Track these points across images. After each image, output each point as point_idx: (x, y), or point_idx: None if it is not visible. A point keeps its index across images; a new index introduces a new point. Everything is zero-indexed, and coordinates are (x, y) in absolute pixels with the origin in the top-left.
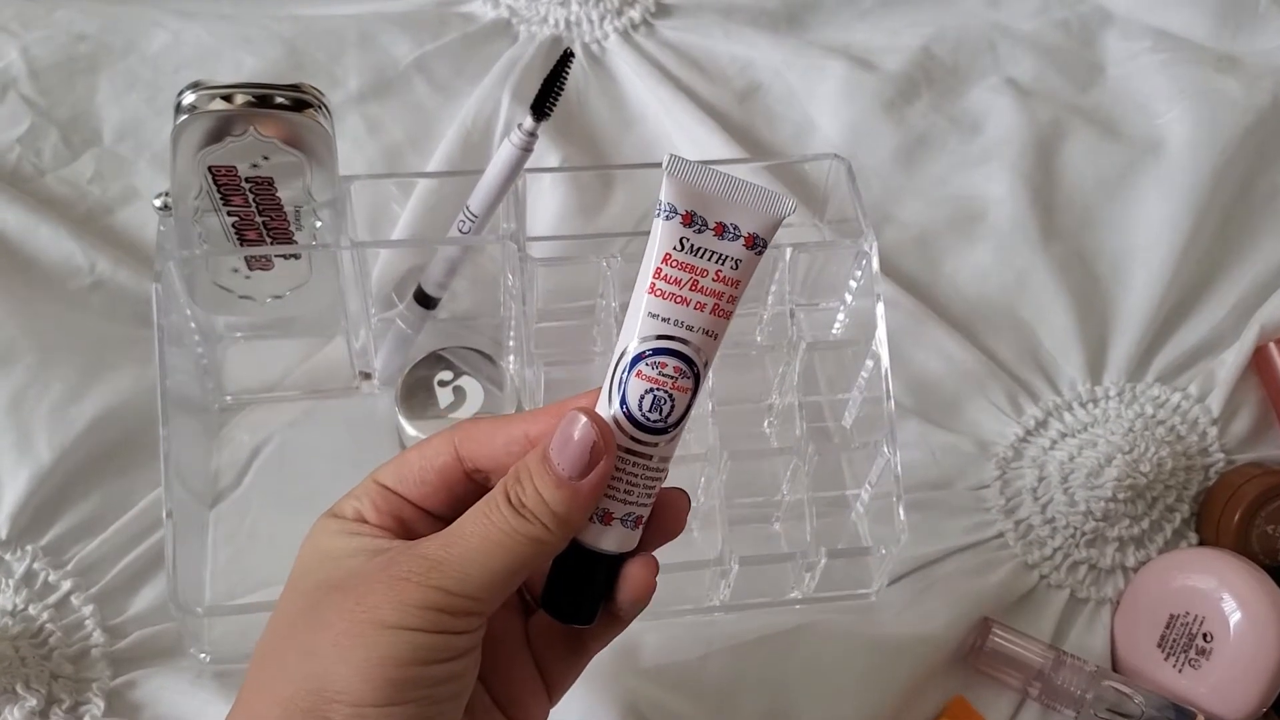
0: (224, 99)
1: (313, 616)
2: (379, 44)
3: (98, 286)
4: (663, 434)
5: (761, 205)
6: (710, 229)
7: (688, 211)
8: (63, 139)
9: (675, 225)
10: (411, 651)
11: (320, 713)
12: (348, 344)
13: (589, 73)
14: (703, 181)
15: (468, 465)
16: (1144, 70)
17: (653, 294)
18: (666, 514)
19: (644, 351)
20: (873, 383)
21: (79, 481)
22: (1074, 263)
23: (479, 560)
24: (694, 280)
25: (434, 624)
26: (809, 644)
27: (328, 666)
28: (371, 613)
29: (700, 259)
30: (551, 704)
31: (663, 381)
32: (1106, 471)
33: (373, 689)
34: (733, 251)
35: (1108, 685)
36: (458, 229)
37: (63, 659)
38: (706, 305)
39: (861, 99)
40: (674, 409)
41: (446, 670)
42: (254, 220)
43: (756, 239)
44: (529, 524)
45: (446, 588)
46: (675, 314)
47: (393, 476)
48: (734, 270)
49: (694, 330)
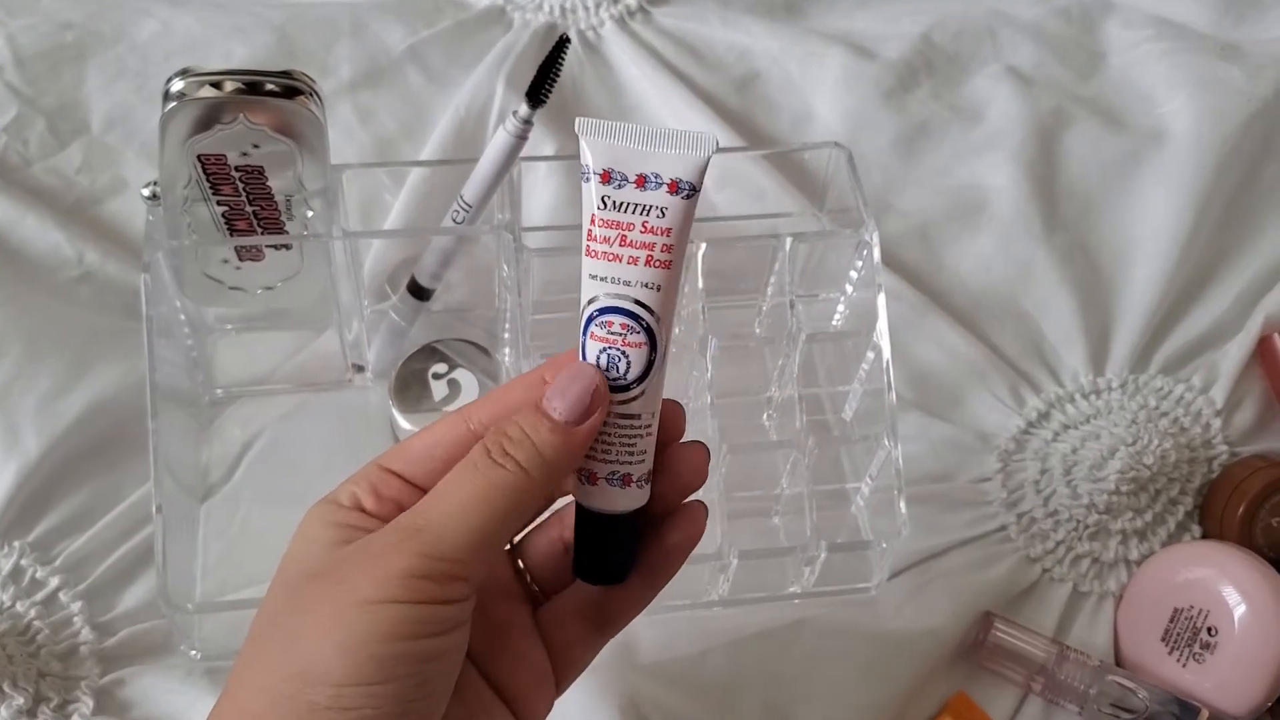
0: (213, 86)
1: (295, 603)
2: (371, 32)
3: (86, 278)
4: (624, 390)
5: (681, 150)
6: (631, 182)
7: (604, 170)
8: (50, 128)
9: (595, 185)
10: (393, 625)
11: (304, 697)
12: (340, 336)
13: (585, 61)
14: (617, 137)
15: (483, 430)
16: (1146, 59)
17: (588, 256)
18: (684, 465)
19: (592, 314)
20: (873, 375)
21: (67, 476)
22: (1076, 253)
23: (456, 518)
24: (621, 236)
25: (416, 592)
26: (809, 639)
27: (310, 650)
28: (351, 592)
29: (624, 213)
30: (559, 692)
31: (612, 339)
32: (1109, 464)
33: (355, 668)
34: (657, 200)
35: (1111, 680)
36: (452, 219)
37: (50, 656)
38: (639, 258)
39: (861, 87)
40: (629, 364)
41: (432, 646)
42: (244, 210)
43: (680, 184)
44: (507, 473)
45: (425, 552)
46: (610, 271)
47: (397, 458)
48: (661, 219)
49: (631, 285)
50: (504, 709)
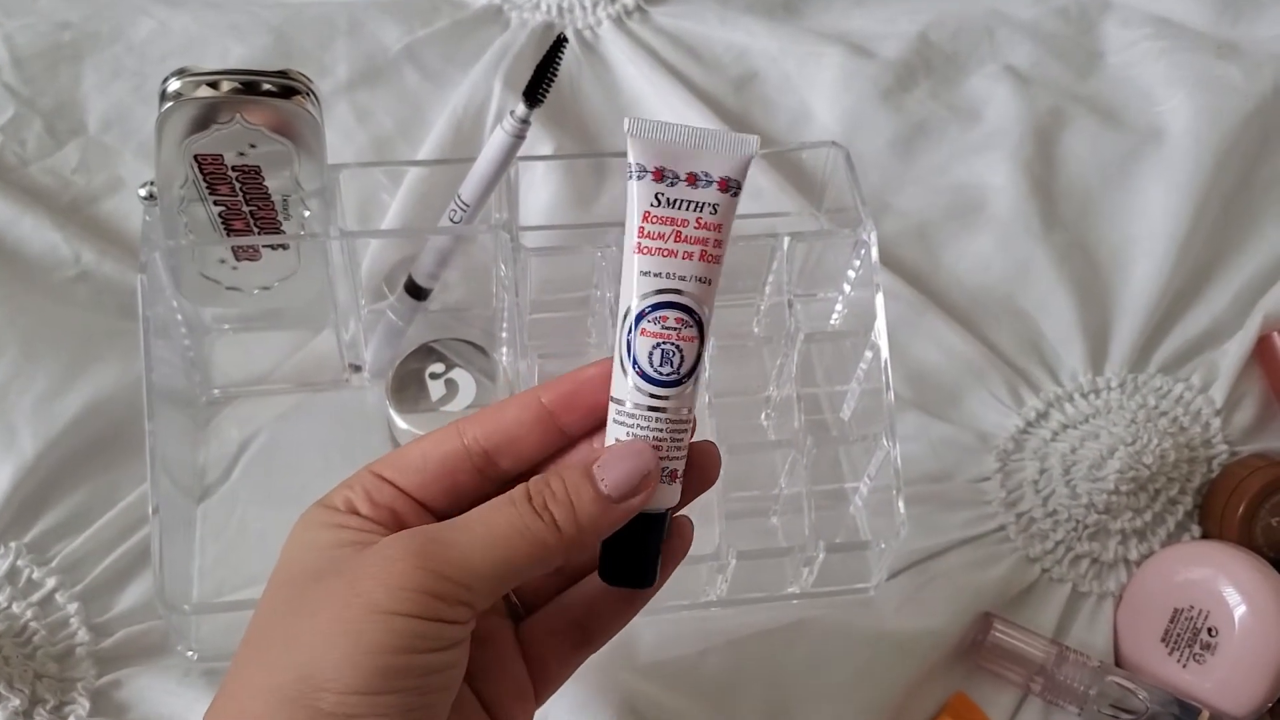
0: (210, 86)
1: (299, 604)
2: (368, 31)
3: (82, 278)
4: (677, 385)
5: (727, 148)
6: (683, 180)
7: (657, 168)
8: (47, 128)
9: (648, 183)
10: (403, 639)
11: (307, 700)
12: (337, 336)
13: (582, 60)
14: (667, 136)
15: (475, 446)
16: (1144, 58)
17: (640, 253)
18: (701, 464)
19: (644, 309)
20: (872, 374)
21: (63, 477)
22: (1075, 252)
23: (482, 549)
24: (676, 232)
25: (427, 610)
26: (807, 640)
27: (316, 654)
28: (363, 597)
29: (678, 210)
30: (538, 705)
31: (667, 335)
32: (1109, 463)
33: (362, 676)
34: (709, 198)
35: (1111, 681)
36: (449, 218)
37: (47, 658)
38: (694, 253)
39: (859, 87)
40: (684, 359)
41: (437, 660)
42: (241, 210)
43: (729, 181)
44: (543, 526)
45: (445, 573)
46: (665, 267)
47: (390, 466)
48: (713, 215)
49: (687, 280)
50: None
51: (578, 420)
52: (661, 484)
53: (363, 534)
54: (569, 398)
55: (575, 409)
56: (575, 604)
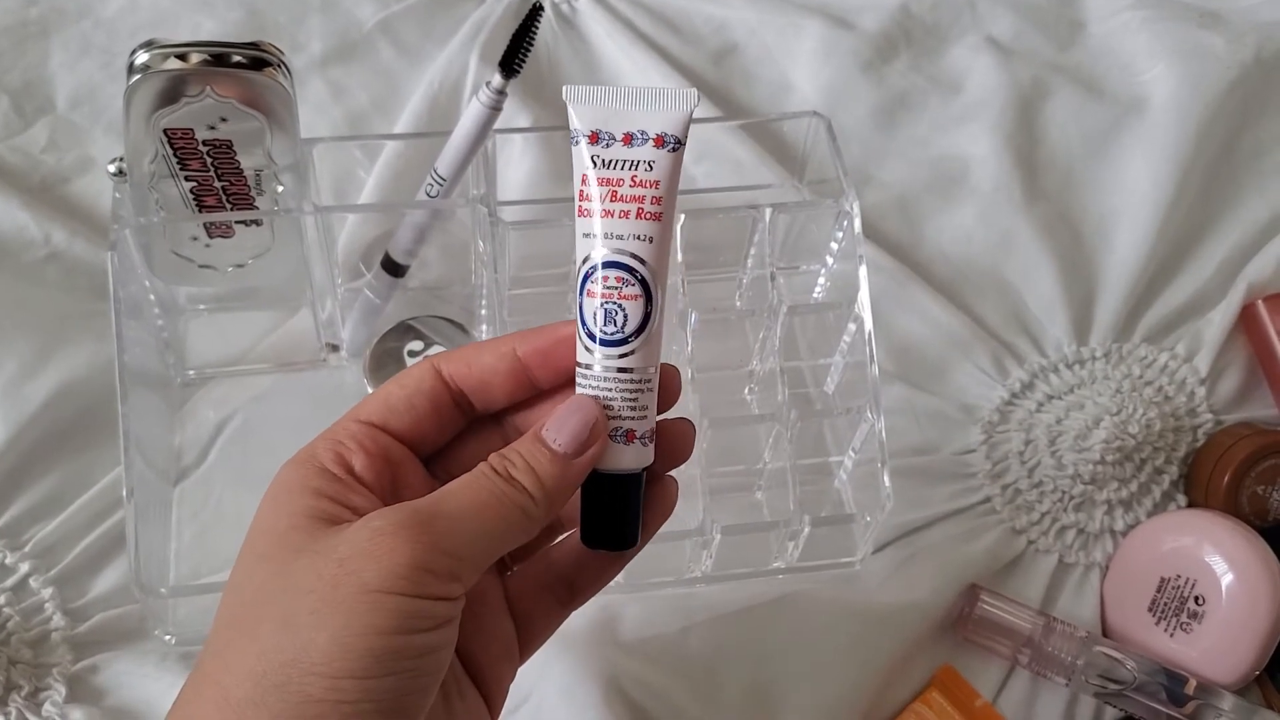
0: (179, 58)
1: (286, 581)
2: (342, 6)
3: (53, 259)
4: (622, 344)
5: (665, 105)
6: (619, 140)
7: (593, 131)
8: (14, 107)
9: (585, 147)
10: (395, 619)
11: (296, 686)
12: (314, 315)
13: (559, 34)
14: (604, 100)
15: (453, 384)
16: (1126, 27)
17: (581, 216)
18: (672, 440)
19: (587, 272)
20: (855, 347)
21: (36, 460)
22: (1058, 223)
23: (469, 519)
24: (612, 192)
25: (419, 586)
26: (793, 615)
27: (305, 636)
28: (353, 575)
29: (614, 170)
30: (521, 663)
31: (609, 294)
32: (1094, 434)
33: (353, 660)
34: (644, 155)
35: (1099, 651)
36: (425, 193)
37: (21, 644)
38: (630, 211)
39: (839, 58)
40: (627, 318)
41: (428, 640)
42: (213, 185)
43: (666, 137)
44: (515, 491)
45: (436, 544)
46: (604, 228)
47: (378, 411)
48: (649, 172)
49: (624, 238)
50: (471, 685)
51: (549, 378)
52: (626, 444)
53: (354, 497)
54: (543, 355)
55: (547, 367)
56: (561, 559)
